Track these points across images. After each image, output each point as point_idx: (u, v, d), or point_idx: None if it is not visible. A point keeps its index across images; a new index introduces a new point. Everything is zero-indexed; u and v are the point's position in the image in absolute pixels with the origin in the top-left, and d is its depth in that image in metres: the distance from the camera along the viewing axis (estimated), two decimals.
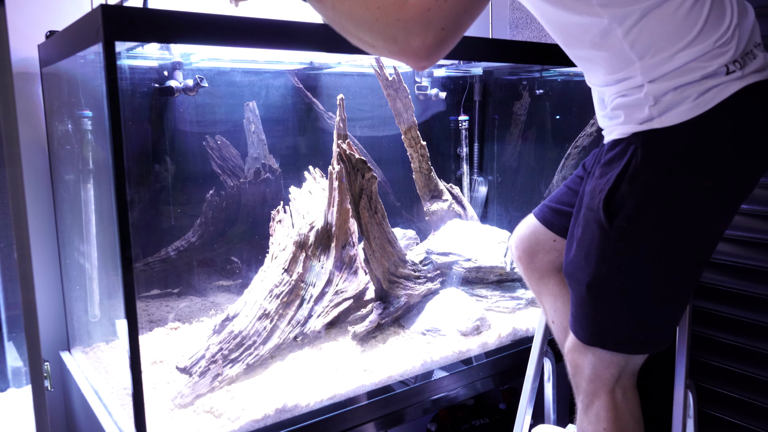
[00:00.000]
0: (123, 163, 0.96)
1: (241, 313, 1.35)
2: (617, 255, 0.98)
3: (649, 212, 0.94)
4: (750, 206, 1.47)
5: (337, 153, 1.46)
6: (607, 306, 1.02)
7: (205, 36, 1.04)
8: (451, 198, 1.91)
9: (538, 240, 1.25)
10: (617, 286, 1.00)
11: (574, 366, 1.10)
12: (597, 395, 1.07)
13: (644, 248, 0.97)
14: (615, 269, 0.99)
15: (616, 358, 1.05)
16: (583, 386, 1.09)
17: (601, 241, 0.98)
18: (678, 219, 0.95)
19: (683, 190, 0.93)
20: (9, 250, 1.19)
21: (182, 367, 1.24)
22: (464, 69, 2.04)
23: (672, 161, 0.92)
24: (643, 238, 0.96)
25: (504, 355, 1.53)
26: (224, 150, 1.66)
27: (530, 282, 1.30)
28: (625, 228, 0.95)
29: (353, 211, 1.47)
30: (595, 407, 1.08)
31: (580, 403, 1.10)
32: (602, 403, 1.07)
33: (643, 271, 0.98)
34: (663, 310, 1.03)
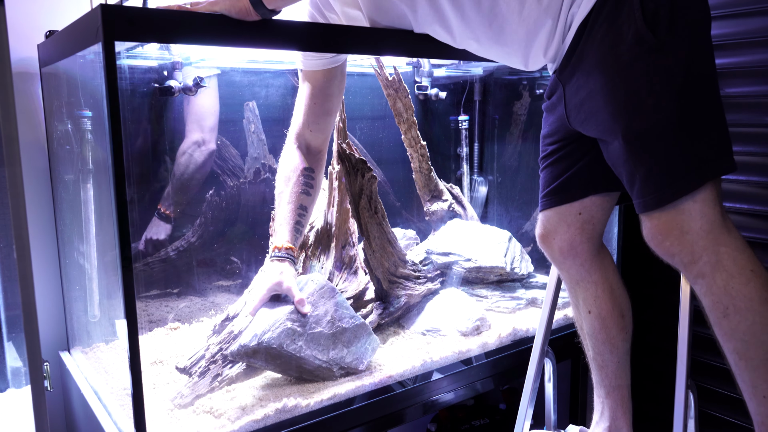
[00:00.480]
0: (123, 163, 0.96)
1: (241, 314, 1.35)
2: (681, 64, 0.95)
3: (682, 14, 0.95)
4: (750, 206, 1.47)
5: (337, 153, 1.46)
6: (699, 119, 0.96)
7: (205, 36, 1.04)
8: (451, 198, 1.91)
9: (567, 224, 1.21)
10: (697, 94, 0.96)
11: (680, 237, 0.97)
12: (720, 242, 0.96)
13: (696, 49, 0.96)
14: (687, 78, 0.95)
15: (713, 189, 0.96)
16: (701, 244, 0.96)
17: (658, 64, 0.95)
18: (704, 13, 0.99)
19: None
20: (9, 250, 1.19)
21: (182, 368, 1.24)
22: (464, 69, 2.04)
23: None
24: (690, 40, 0.95)
25: (504, 355, 1.53)
26: (224, 150, 1.66)
27: (571, 271, 1.25)
28: (671, 38, 0.94)
29: (353, 211, 1.47)
30: (726, 255, 0.95)
31: (705, 267, 0.96)
32: (731, 245, 0.96)
33: (705, 72, 0.97)
34: (721, 112, 0.99)
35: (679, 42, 0.95)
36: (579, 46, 1.02)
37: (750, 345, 0.95)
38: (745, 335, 0.95)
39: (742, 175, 1.48)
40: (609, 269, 1.26)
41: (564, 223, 1.22)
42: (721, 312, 0.96)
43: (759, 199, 1.46)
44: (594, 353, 1.27)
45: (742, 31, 1.44)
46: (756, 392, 0.97)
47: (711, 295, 0.97)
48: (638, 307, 1.62)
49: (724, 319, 0.96)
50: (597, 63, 1.00)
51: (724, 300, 0.96)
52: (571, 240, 1.22)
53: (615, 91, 0.98)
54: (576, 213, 1.21)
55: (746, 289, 0.94)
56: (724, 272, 0.95)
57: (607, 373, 1.27)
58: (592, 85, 1.01)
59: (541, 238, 1.26)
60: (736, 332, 0.96)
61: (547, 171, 1.23)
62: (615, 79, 0.98)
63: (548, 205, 1.23)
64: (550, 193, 1.22)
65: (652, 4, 0.94)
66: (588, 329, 1.27)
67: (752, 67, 1.43)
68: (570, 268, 1.25)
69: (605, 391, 1.29)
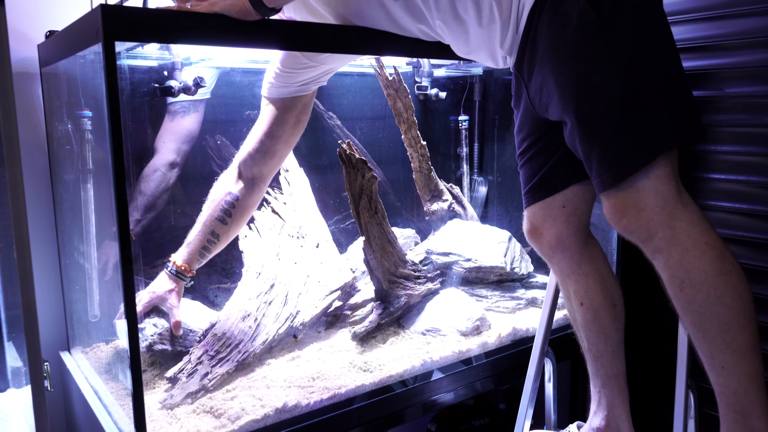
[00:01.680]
0: (123, 163, 0.96)
1: (223, 319, 1.36)
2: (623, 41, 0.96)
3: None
4: (750, 206, 1.47)
5: (338, 153, 1.46)
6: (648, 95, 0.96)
7: (205, 36, 1.04)
8: (451, 198, 1.91)
9: (553, 217, 1.22)
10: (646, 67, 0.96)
11: (636, 212, 0.98)
12: (676, 216, 0.97)
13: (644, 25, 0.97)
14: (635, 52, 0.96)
15: (668, 163, 0.97)
16: (657, 220, 0.97)
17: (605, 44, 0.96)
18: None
19: None
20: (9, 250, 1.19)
21: (170, 377, 1.25)
22: (464, 69, 2.04)
23: None
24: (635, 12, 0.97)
25: (504, 355, 1.53)
26: (224, 150, 1.66)
27: (561, 264, 1.26)
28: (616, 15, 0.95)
29: (353, 211, 1.47)
30: (681, 230, 0.96)
31: (660, 241, 0.98)
32: (686, 219, 0.97)
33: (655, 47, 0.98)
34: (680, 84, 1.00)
35: (624, 19, 0.96)
36: (530, 33, 1.03)
37: (705, 317, 0.96)
38: (700, 307, 0.96)
39: (742, 175, 1.48)
40: (599, 260, 1.26)
41: (549, 217, 1.23)
42: (677, 285, 0.98)
43: (759, 199, 1.46)
44: (588, 344, 1.28)
45: (742, 31, 1.44)
46: (714, 363, 0.99)
47: (668, 269, 0.98)
48: (638, 307, 1.62)
49: (680, 293, 0.98)
50: (546, 47, 1.01)
51: (679, 273, 0.97)
52: (558, 234, 1.22)
53: (565, 73, 0.99)
54: (560, 206, 1.21)
55: (700, 262, 0.95)
56: (680, 246, 0.96)
57: (602, 363, 1.28)
58: (546, 70, 1.02)
59: (529, 234, 1.27)
60: (692, 305, 0.97)
61: (526, 167, 1.24)
62: (564, 61, 0.99)
63: (531, 200, 1.24)
64: (531, 189, 1.23)
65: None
66: (581, 321, 1.27)
67: (752, 67, 1.43)
68: (560, 261, 1.26)
69: (601, 381, 1.29)
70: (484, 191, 2.18)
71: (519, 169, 1.27)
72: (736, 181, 1.49)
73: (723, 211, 1.52)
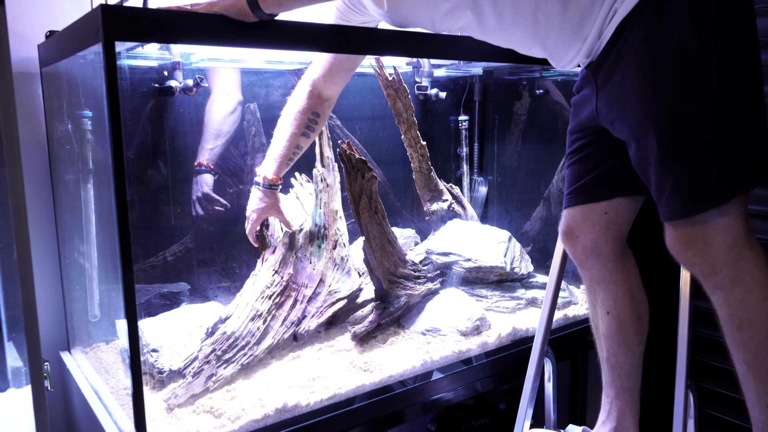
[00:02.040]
0: (123, 163, 0.96)
1: (233, 315, 1.36)
2: (721, 74, 0.93)
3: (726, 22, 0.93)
4: (750, 206, 1.47)
5: (338, 153, 1.46)
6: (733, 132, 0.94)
7: (205, 36, 1.04)
8: (451, 198, 1.91)
9: (592, 223, 1.20)
10: (734, 104, 0.94)
11: (703, 249, 0.97)
12: (742, 257, 0.97)
13: (737, 58, 0.94)
14: (724, 89, 0.94)
15: (742, 202, 0.97)
16: (723, 258, 0.97)
17: (697, 72, 0.93)
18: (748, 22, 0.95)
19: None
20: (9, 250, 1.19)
21: (176, 369, 1.24)
22: (464, 69, 2.04)
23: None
24: (733, 47, 0.94)
25: (504, 355, 1.53)
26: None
27: (592, 270, 1.24)
28: (713, 47, 0.92)
29: (353, 211, 1.47)
30: (746, 271, 0.97)
31: (724, 280, 0.98)
32: (752, 261, 0.97)
33: (745, 80, 0.95)
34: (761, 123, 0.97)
35: (723, 50, 0.93)
36: (617, 44, 0.99)
37: (759, 358, 0.97)
38: (756, 348, 0.97)
39: None
40: (631, 271, 1.25)
41: (589, 221, 1.20)
42: (735, 324, 0.98)
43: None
44: (608, 353, 1.27)
45: None
46: (759, 401, 1.00)
47: (728, 307, 0.99)
48: None
49: (737, 332, 0.98)
50: (635, 64, 0.97)
51: (739, 313, 0.97)
52: (595, 240, 1.20)
53: (651, 96, 0.96)
54: (602, 212, 1.19)
55: (762, 305, 0.96)
56: (743, 286, 0.96)
57: (619, 374, 1.27)
58: (628, 87, 0.99)
59: (565, 236, 1.24)
60: (748, 345, 0.98)
61: (574, 168, 1.21)
62: (652, 84, 0.96)
63: (573, 202, 1.21)
64: (576, 190, 1.21)
65: (698, 6, 0.92)
66: (604, 329, 1.26)
67: None
68: (592, 267, 1.24)
69: (615, 392, 1.28)
70: (484, 191, 2.18)
71: (566, 168, 1.23)
72: None
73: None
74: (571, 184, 1.22)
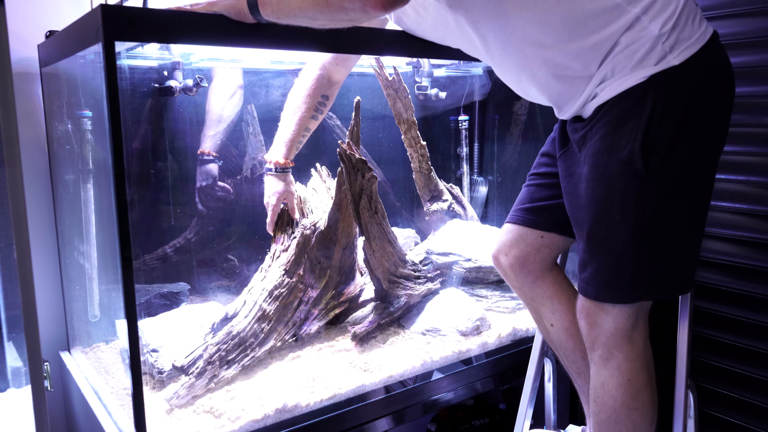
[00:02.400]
0: (123, 163, 0.96)
1: (240, 314, 1.35)
2: (658, 198, 0.99)
3: (679, 148, 0.98)
4: (750, 206, 1.47)
5: (338, 153, 1.46)
6: (653, 251, 1.02)
7: (205, 36, 1.04)
8: (451, 198, 1.91)
9: (526, 243, 1.25)
10: (663, 228, 1.01)
11: (592, 324, 1.10)
12: (618, 347, 1.08)
13: (680, 184, 1.00)
14: (658, 212, 1.00)
15: (637, 307, 1.06)
16: (602, 341, 1.09)
17: (638, 190, 0.99)
18: (703, 150, 1.01)
19: (705, 120, 0.99)
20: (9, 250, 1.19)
21: (179, 366, 1.24)
22: (464, 69, 2.04)
23: (692, 95, 0.97)
24: (678, 174, 0.99)
25: (504, 355, 1.53)
26: (224, 150, 1.66)
27: (523, 288, 1.29)
28: (660, 170, 0.98)
29: (353, 211, 1.47)
30: (615, 359, 1.08)
31: (597, 357, 1.11)
32: (624, 354, 1.08)
33: (681, 205, 1.01)
34: (694, 244, 1.06)
35: (667, 177, 0.99)
36: (591, 123, 1.04)
37: (602, 430, 1.13)
38: (600, 422, 1.12)
39: (742, 175, 1.48)
40: (563, 283, 1.27)
41: (522, 241, 1.25)
42: (593, 396, 1.13)
43: (759, 199, 1.46)
44: (568, 362, 1.28)
45: (742, 31, 1.44)
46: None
47: (593, 380, 1.13)
48: None
49: (593, 402, 1.13)
50: (592, 154, 1.03)
51: (597, 389, 1.11)
52: (524, 258, 1.25)
53: (595, 193, 1.03)
54: (538, 237, 1.24)
55: (616, 391, 1.09)
56: (607, 371, 1.09)
57: (585, 379, 1.27)
58: (582, 172, 1.06)
59: (498, 249, 1.29)
60: (596, 416, 1.13)
61: (531, 189, 1.26)
62: (598, 181, 1.03)
63: (516, 220, 1.27)
64: (523, 210, 1.26)
65: (657, 131, 0.96)
66: (556, 341, 1.28)
67: (752, 67, 1.43)
68: (522, 285, 1.28)
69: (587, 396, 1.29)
70: (484, 191, 2.18)
71: (524, 185, 1.28)
72: (736, 181, 1.49)
73: (723, 211, 1.52)
74: (521, 202, 1.27)
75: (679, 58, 0.96)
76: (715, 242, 1.54)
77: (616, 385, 1.08)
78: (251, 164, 1.70)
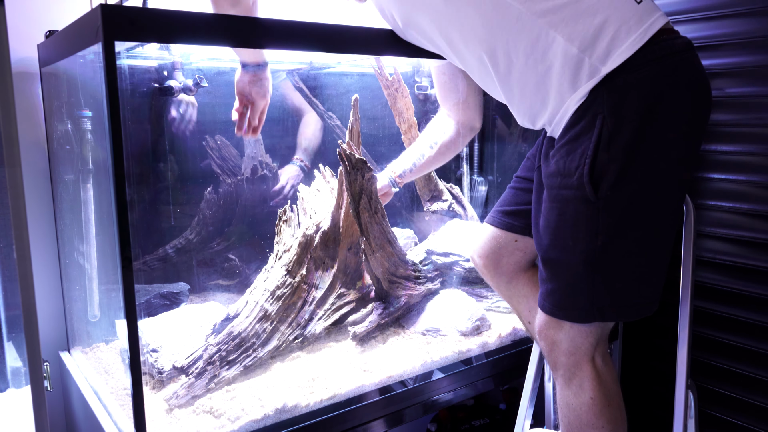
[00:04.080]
0: (123, 163, 0.96)
1: (242, 314, 1.35)
2: (609, 223, 0.98)
3: (631, 172, 0.96)
4: (750, 206, 1.47)
5: (338, 153, 1.46)
6: (606, 276, 1.02)
7: (205, 36, 1.04)
8: (451, 198, 1.91)
9: (499, 245, 1.27)
10: (615, 254, 1.01)
11: (550, 343, 1.11)
12: (578, 366, 1.09)
13: (632, 209, 0.99)
14: (610, 237, 0.99)
15: (594, 327, 1.07)
16: (563, 360, 1.10)
17: (588, 215, 0.99)
18: (656, 170, 0.98)
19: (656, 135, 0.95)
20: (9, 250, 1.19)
21: (179, 366, 1.24)
22: None
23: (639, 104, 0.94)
24: (630, 199, 0.98)
25: (504, 355, 1.53)
26: (224, 150, 1.66)
27: (499, 288, 1.32)
28: (611, 195, 0.97)
29: (353, 211, 1.47)
30: (577, 379, 1.09)
31: (560, 378, 1.12)
32: (585, 373, 1.09)
33: (635, 231, 1.00)
34: (656, 267, 1.05)
35: (619, 202, 0.97)
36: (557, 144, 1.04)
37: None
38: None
39: (742, 175, 1.48)
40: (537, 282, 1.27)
41: (497, 243, 1.27)
42: (560, 415, 1.14)
43: (759, 199, 1.46)
44: None
45: (742, 31, 1.44)
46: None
47: (559, 400, 1.14)
48: None
49: (562, 418, 1.14)
50: (548, 176, 1.05)
51: (564, 410, 1.13)
52: (497, 259, 1.28)
53: (549, 214, 1.05)
54: (512, 240, 1.26)
55: (580, 411, 1.10)
56: (570, 390, 1.10)
57: None
58: (544, 189, 1.07)
59: (474, 248, 1.31)
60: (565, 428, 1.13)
61: (512, 192, 1.28)
62: (552, 204, 1.04)
63: (492, 222, 1.28)
64: (502, 213, 1.27)
65: (605, 156, 0.95)
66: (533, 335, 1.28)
67: (752, 67, 1.43)
68: (498, 285, 1.30)
69: None
70: (484, 191, 2.18)
71: (508, 186, 1.30)
72: (736, 181, 1.49)
73: (723, 211, 1.52)
74: (502, 204, 1.29)
75: (609, 66, 0.94)
76: (715, 242, 1.54)
77: (580, 405, 1.09)
78: (251, 164, 1.70)
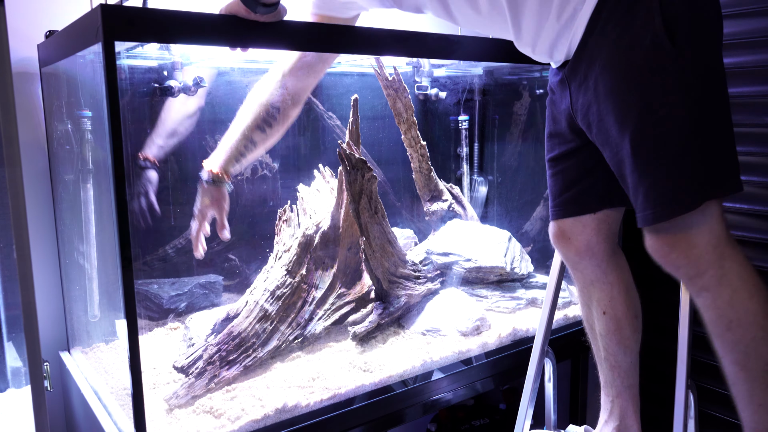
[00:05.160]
0: (123, 163, 0.96)
1: (242, 314, 1.35)
2: (695, 74, 0.91)
3: (703, 15, 0.92)
4: (750, 206, 1.47)
5: (338, 153, 1.46)
6: (706, 137, 0.92)
7: (205, 36, 1.04)
8: (451, 198, 1.91)
9: (583, 224, 1.19)
10: (706, 107, 0.92)
11: (688, 248, 0.95)
12: (725, 257, 0.95)
13: (709, 61, 0.93)
14: (698, 90, 0.92)
15: (719, 204, 0.95)
16: (708, 258, 0.95)
17: (676, 73, 0.91)
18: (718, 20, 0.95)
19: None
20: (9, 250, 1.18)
21: (179, 366, 1.24)
22: (464, 69, 2.04)
23: None
24: (708, 48, 0.93)
25: (504, 355, 1.53)
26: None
27: (586, 273, 1.23)
28: (691, 43, 0.91)
29: (353, 211, 1.47)
30: (731, 270, 0.95)
31: (711, 278, 0.95)
32: (735, 259, 0.95)
33: (717, 83, 0.94)
34: (731, 125, 0.97)
35: (697, 53, 0.92)
36: (589, 43, 0.97)
37: (751, 357, 0.96)
38: (747, 348, 0.95)
39: (742, 175, 1.47)
40: (624, 270, 1.25)
41: (579, 223, 1.19)
42: (725, 325, 0.97)
43: (759, 199, 1.46)
44: (606, 353, 1.26)
45: (742, 31, 1.44)
46: (752, 401, 0.98)
47: (715, 309, 0.97)
48: None
49: (727, 332, 0.97)
50: (608, 65, 0.95)
51: (728, 313, 0.96)
52: (587, 240, 1.19)
53: (626, 97, 0.94)
54: (591, 216, 1.18)
55: (750, 303, 0.94)
56: (729, 287, 0.95)
57: (619, 373, 1.27)
58: (602, 88, 0.97)
59: (556, 238, 1.23)
60: (738, 344, 0.96)
61: (558, 178, 1.19)
62: (627, 84, 0.94)
63: (561, 215, 1.20)
64: (563, 203, 1.19)
65: (672, 9, 0.90)
66: (601, 330, 1.25)
67: (752, 67, 1.43)
68: (585, 268, 1.23)
69: (616, 391, 1.28)
70: (484, 191, 2.18)
71: (549, 176, 1.21)
72: None
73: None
74: (557, 195, 1.20)
75: None
76: None
77: (748, 297, 0.95)
78: (251, 164, 1.70)
